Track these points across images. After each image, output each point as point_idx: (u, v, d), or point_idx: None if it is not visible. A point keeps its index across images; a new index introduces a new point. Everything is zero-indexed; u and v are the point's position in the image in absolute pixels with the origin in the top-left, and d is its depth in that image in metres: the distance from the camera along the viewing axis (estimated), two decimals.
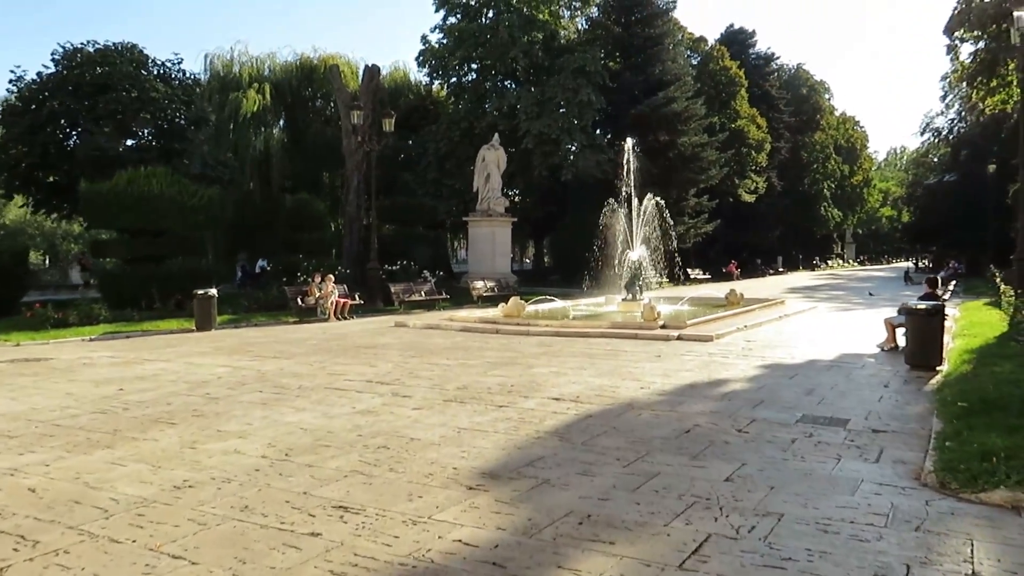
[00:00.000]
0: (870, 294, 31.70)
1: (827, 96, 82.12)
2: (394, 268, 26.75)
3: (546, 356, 11.98)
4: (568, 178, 36.24)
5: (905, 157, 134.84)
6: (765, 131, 53.33)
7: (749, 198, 51.15)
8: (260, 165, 38.27)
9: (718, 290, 30.12)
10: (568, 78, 35.05)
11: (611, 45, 40.46)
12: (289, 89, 41.02)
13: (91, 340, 15.33)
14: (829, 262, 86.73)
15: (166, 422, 7.31)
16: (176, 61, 26.73)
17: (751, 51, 63.01)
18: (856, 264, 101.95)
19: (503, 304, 20.23)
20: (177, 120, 25.75)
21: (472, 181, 33.44)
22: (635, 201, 21.11)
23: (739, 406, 7.95)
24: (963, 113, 57.60)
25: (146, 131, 25.38)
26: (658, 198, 21.77)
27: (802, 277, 56.03)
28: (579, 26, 42.82)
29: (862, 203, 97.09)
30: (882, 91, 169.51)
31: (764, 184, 53.16)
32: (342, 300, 20.61)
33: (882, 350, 12.79)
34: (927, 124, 72.46)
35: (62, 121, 23.94)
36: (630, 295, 20.36)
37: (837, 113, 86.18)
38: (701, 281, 44.95)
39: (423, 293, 24.39)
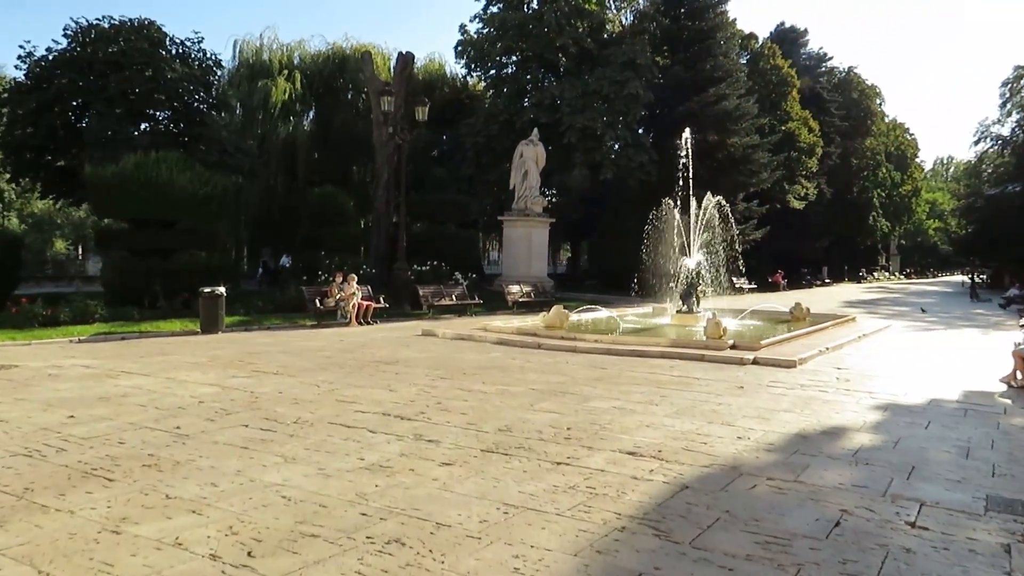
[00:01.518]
0: (922, 310, 29.20)
1: (878, 102, 78.73)
2: (423, 269, 24.78)
3: (603, 383, 9.85)
4: (609, 177, 34.04)
5: (953, 168, 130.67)
6: (817, 134, 50.62)
7: (798, 205, 48.45)
8: (287, 156, 36.60)
9: (769, 301, 27.76)
10: (615, 71, 32.84)
11: (659, 38, 38.23)
12: (320, 79, 39.29)
13: (79, 341, 13.53)
14: (875, 274, 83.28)
15: (102, 476, 5.32)
16: (196, 40, 25.00)
17: (802, 51, 60.31)
18: (903, 277, 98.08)
19: (543, 313, 18.18)
20: (195, 103, 24.01)
21: (509, 179, 31.40)
22: (692, 202, 18.89)
23: (885, 475, 5.76)
24: None
25: (161, 114, 23.68)
26: (720, 198, 19.49)
27: (852, 290, 53.20)
28: (625, 19, 40.68)
29: (909, 214, 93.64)
30: (929, 99, 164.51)
31: (815, 190, 50.41)
32: (365, 303, 18.69)
33: (1009, 386, 10.49)
34: (983, 132, 69.31)
35: (72, 101, 22.29)
36: (685, 307, 18.17)
37: (887, 120, 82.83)
38: (747, 291, 42.42)
39: (454, 297, 22.37)
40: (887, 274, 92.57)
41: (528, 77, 37.58)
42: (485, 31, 36.84)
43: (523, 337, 14.70)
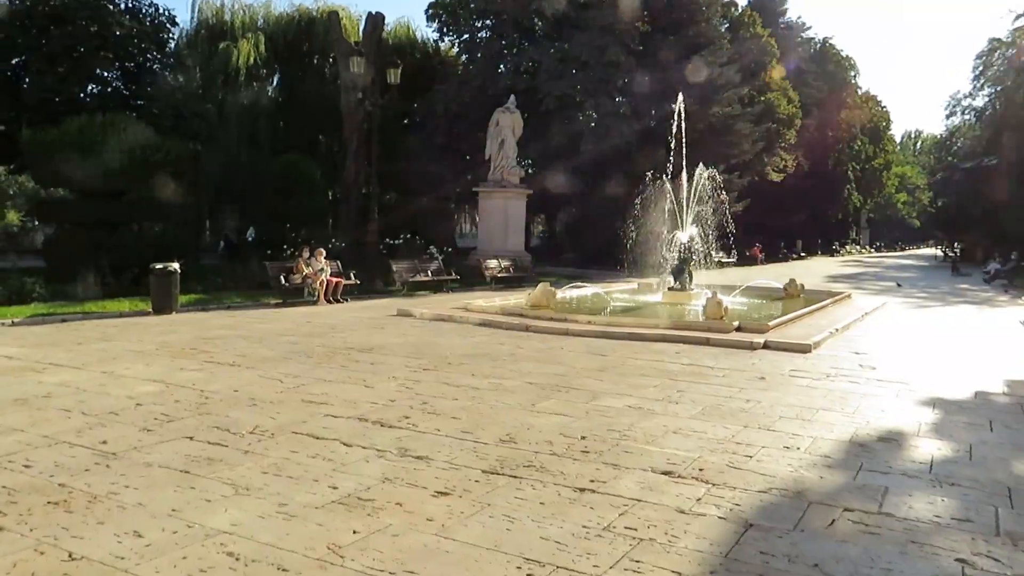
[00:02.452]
0: (898, 285, 28.67)
1: (852, 74, 78.15)
2: (396, 243, 23.41)
3: (608, 374, 8.68)
4: (588, 147, 32.75)
5: (920, 142, 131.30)
6: (796, 105, 49.70)
7: (776, 177, 47.64)
8: (250, 123, 34.64)
9: (753, 276, 26.84)
10: (595, 35, 31.47)
11: (639, 3, 36.78)
12: (285, 42, 37.18)
13: (12, 325, 12.03)
14: (847, 247, 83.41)
15: None
16: None
17: (781, 21, 59.25)
18: (873, 251, 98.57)
19: (527, 291, 17.06)
20: (147, 63, 22.17)
21: (483, 148, 29.98)
22: (684, 173, 17.74)
23: (983, 503, 4.68)
24: (1002, 90, 53.97)
25: (108, 73, 21.80)
26: (713, 170, 18.36)
27: (829, 264, 52.83)
28: None
29: (881, 187, 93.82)
30: (898, 73, 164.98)
31: (793, 163, 49.64)
32: (334, 280, 17.31)
33: None
34: (955, 106, 69.11)
35: (10, 59, 20.36)
36: (678, 284, 17.08)
37: (861, 92, 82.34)
38: (727, 265, 41.63)
39: (429, 273, 21.04)
40: (858, 247, 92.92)
41: (503, 42, 36.05)
42: None
43: (509, 318, 13.47)
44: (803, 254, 62.81)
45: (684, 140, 17.87)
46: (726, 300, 16.01)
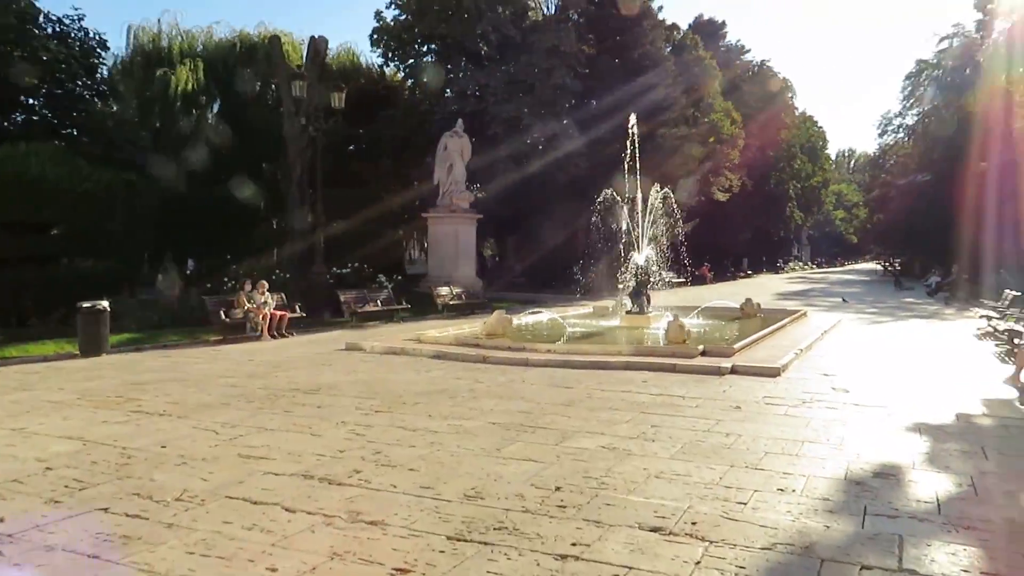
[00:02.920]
0: (844, 300, 28.98)
1: (789, 95, 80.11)
2: (344, 272, 22.56)
3: (575, 409, 8.11)
4: (537, 170, 32.42)
5: (854, 160, 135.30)
6: (740, 126, 50.41)
7: (722, 197, 48.16)
8: (190, 151, 33.46)
9: (704, 295, 26.81)
10: (541, 58, 31.28)
11: (584, 26, 36.84)
12: (225, 69, 36.15)
13: None
14: (791, 264, 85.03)
15: None
16: (77, 17, 21.94)
17: (721, 44, 60.37)
18: (815, 266, 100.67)
19: (481, 318, 16.48)
20: (76, 89, 21.06)
21: (432, 174, 29.43)
22: (639, 193, 17.43)
23: (1010, 552, 4.23)
24: (934, 106, 55.54)
25: (34, 100, 20.63)
26: (668, 189, 18.11)
27: (776, 281, 53.53)
28: (547, 6, 39.13)
29: (820, 205, 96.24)
30: (831, 94, 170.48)
31: (738, 182, 50.28)
32: (279, 313, 16.44)
33: (1022, 391, 9.32)
34: (887, 125, 71.35)
35: None
36: (636, 307, 16.68)
37: (798, 113, 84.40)
38: (677, 285, 41.69)
39: (379, 302, 20.28)
40: (801, 264, 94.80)
41: (449, 66, 35.62)
42: (402, 17, 34.73)
43: (465, 349, 12.83)
44: (750, 272, 63.59)
45: (638, 160, 17.56)
46: (684, 322, 15.72)
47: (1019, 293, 16.51)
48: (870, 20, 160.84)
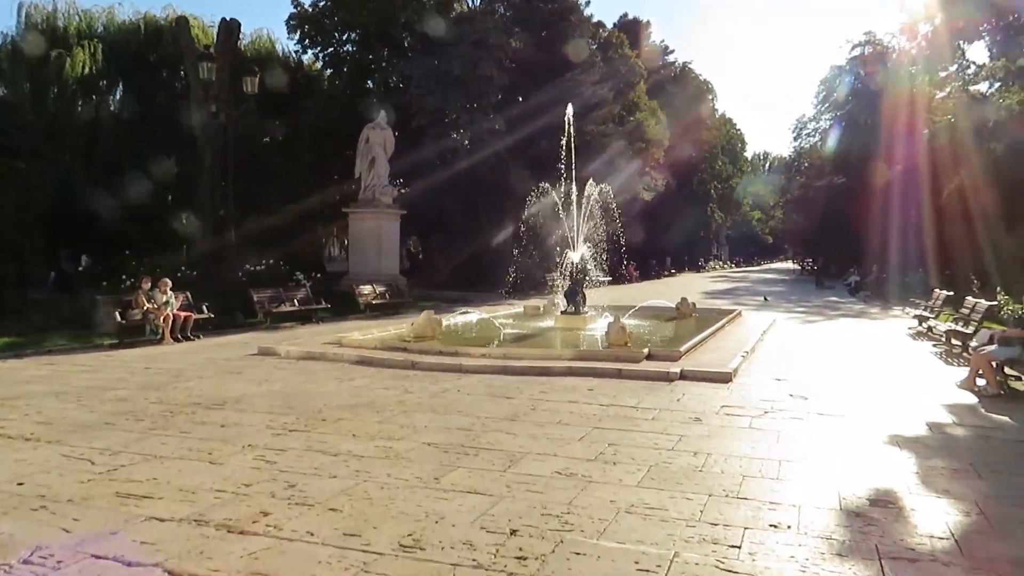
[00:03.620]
0: (765, 299, 29.32)
1: (710, 97, 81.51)
2: (258, 269, 21.04)
3: (521, 424, 7.18)
4: (463, 165, 31.41)
5: (769, 163, 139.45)
6: (665, 126, 50.64)
7: (647, 196, 48.22)
8: (89, 140, 30.95)
9: (632, 294, 26.37)
10: (467, 50, 30.25)
11: (512, 19, 36.02)
12: (129, 52, 33.68)
13: None
14: (711, 263, 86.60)
15: None
16: None
17: (645, 44, 60.57)
18: (733, 266, 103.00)
19: (407, 319, 15.44)
20: None
21: (353, 167, 28.06)
22: (575, 188, 16.68)
23: None
24: (848, 111, 57.12)
25: None
26: (604, 185, 17.42)
27: (699, 279, 54.04)
28: None
29: (738, 205, 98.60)
30: (748, 98, 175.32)
31: (664, 182, 50.51)
32: (183, 314, 14.95)
33: (977, 395, 8.92)
34: (801, 128, 73.55)
35: None
36: (572, 307, 15.92)
37: (718, 115, 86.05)
38: (603, 284, 41.33)
39: (296, 302, 18.88)
40: (720, 263, 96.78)
41: (370, 56, 34.25)
42: (321, 3, 33.13)
43: (391, 354, 11.74)
44: (673, 271, 64.22)
45: (574, 154, 16.81)
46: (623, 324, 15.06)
47: (951, 293, 16.50)
48: (786, 26, 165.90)
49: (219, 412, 7.78)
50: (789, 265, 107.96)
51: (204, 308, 15.83)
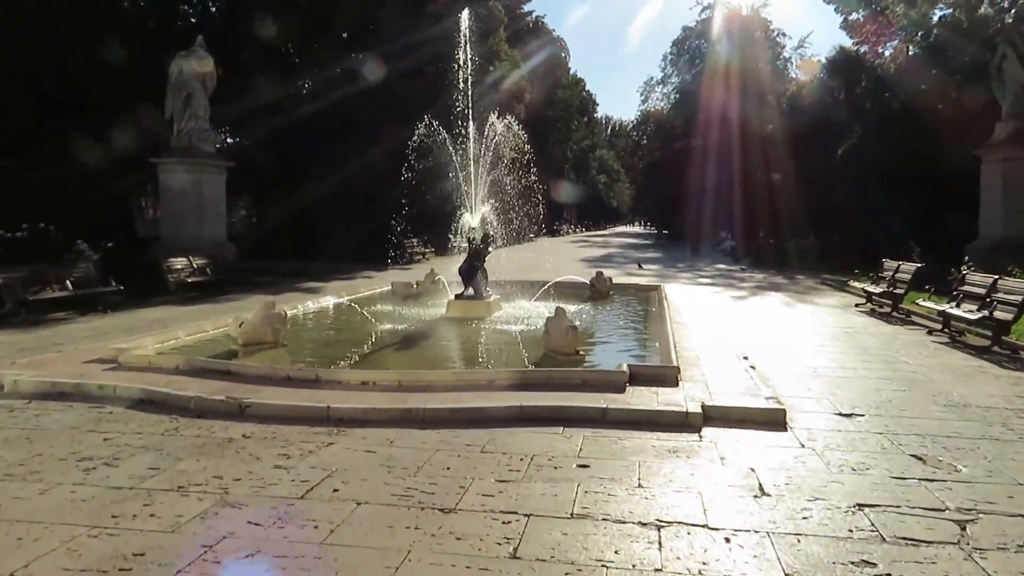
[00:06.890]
0: (639, 266, 27.36)
1: (564, 55, 78.77)
2: (16, 236, 15.08)
3: None
4: (310, 111, 26.00)
5: (612, 127, 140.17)
6: (525, 79, 46.88)
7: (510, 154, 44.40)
8: None
9: (504, 264, 22.45)
10: None
11: None
12: None
13: None
14: (564, 228, 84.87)
15: None
16: None
17: None
18: (584, 230, 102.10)
19: (233, 304, 10.70)
20: None
21: (163, 107, 22.05)
22: (472, 127, 12.29)
23: None
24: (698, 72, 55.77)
25: None
26: (511, 120, 13.14)
27: (563, 245, 51.30)
28: None
29: (588, 169, 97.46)
30: (597, 61, 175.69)
31: (524, 141, 46.80)
32: None
33: None
34: (649, 91, 72.72)
35: None
36: (471, 289, 11.66)
37: (571, 74, 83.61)
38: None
39: (69, 283, 13.25)
40: (571, 227, 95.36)
41: None
42: None
43: (204, 384, 6.90)
44: (532, 236, 61.20)
45: (471, 90, 12.35)
46: (529, 306, 11.10)
47: (920, 265, 13.65)
48: None
49: None
50: (637, 229, 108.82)
51: None
